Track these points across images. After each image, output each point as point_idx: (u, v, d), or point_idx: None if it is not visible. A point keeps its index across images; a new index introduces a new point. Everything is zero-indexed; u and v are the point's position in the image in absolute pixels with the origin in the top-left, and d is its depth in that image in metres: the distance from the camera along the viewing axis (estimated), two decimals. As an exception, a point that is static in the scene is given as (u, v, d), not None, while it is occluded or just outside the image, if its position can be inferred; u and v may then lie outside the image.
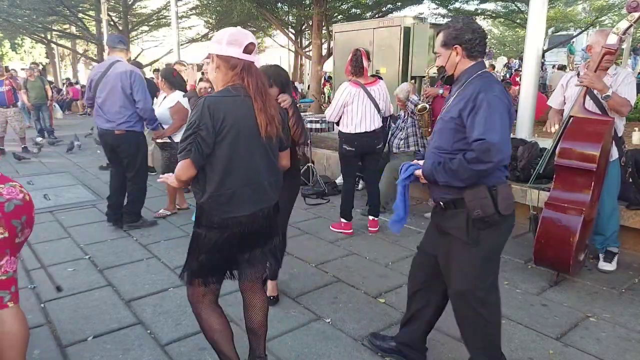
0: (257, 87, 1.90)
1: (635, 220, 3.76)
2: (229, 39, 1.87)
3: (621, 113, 3.25)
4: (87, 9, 19.80)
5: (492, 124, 1.87)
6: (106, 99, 4.24)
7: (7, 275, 1.98)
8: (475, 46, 2.02)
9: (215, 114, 1.81)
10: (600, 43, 3.22)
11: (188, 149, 1.81)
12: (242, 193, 1.91)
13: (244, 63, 1.88)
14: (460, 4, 15.94)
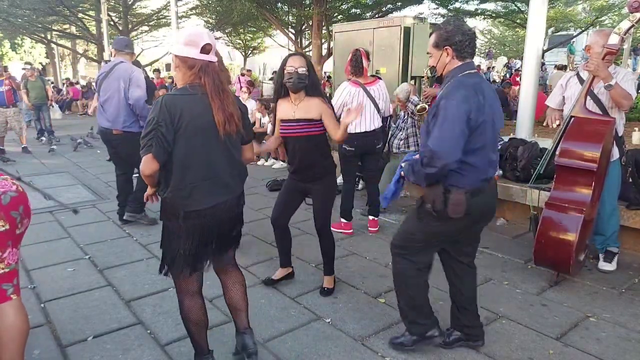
0: (215, 86, 1.97)
1: (635, 220, 3.76)
2: (186, 40, 1.95)
3: (621, 106, 3.24)
4: (87, 9, 19.81)
5: (441, 131, 2.02)
6: (107, 99, 4.38)
7: (10, 268, 2.01)
8: (465, 47, 2.13)
9: (172, 110, 1.90)
10: (599, 43, 3.22)
11: (149, 144, 1.91)
12: (202, 187, 2.01)
13: (201, 63, 1.96)
14: (460, 4, 15.93)
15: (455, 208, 2.13)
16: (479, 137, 2.09)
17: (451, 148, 2.02)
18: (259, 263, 3.69)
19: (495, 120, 2.18)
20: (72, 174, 6.96)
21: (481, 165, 2.16)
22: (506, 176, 4.75)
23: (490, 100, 2.14)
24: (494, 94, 2.22)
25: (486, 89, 2.15)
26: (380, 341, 2.65)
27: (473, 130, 2.06)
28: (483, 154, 2.15)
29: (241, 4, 12.85)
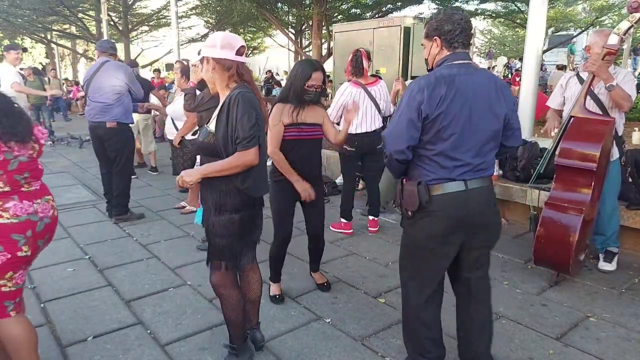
0: (252, 83, 2.18)
1: (635, 220, 3.76)
2: (222, 43, 2.08)
3: (622, 107, 3.24)
4: (87, 9, 19.79)
5: (393, 120, 2.02)
6: (99, 95, 4.59)
7: (17, 287, 2.04)
8: (455, 37, 2.00)
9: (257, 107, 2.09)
10: (598, 44, 3.22)
11: (255, 136, 2.05)
12: (262, 174, 2.23)
13: (237, 64, 2.11)
14: (460, 3, 15.93)
15: (407, 199, 2.00)
16: (440, 132, 1.92)
17: (396, 138, 1.96)
18: (259, 263, 3.67)
19: (474, 118, 1.95)
20: (72, 174, 6.96)
21: (444, 162, 1.96)
22: (506, 176, 4.75)
23: (466, 94, 1.93)
24: (485, 89, 1.99)
25: (463, 82, 1.94)
26: (380, 341, 2.65)
27: (430, 123, 1.91)
28: (447, 150, 1.94)
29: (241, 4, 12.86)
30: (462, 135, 1.94)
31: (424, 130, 1.95)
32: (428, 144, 1.96)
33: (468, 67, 2.00)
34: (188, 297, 3.16)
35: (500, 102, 2.02)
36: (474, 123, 1.95)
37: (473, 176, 1.99)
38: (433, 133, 1.94)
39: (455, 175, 1.97)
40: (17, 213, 1.95)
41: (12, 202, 1.94)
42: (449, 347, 2.58)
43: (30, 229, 1.99)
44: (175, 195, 5.72)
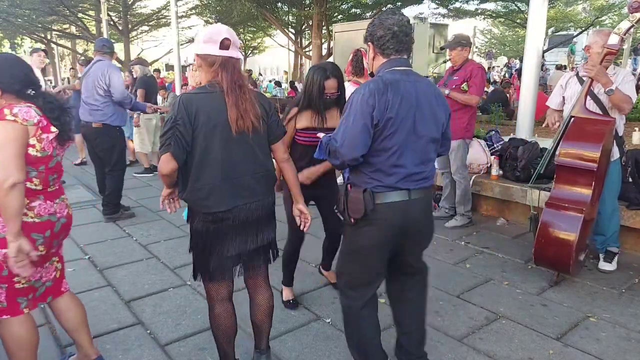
0: (232, 81, 1.91)
1: (636, 220, 3.76)
2: (205, 38, 1.92)
3: (622, 110, 3.25)
4: (87, 8, 19.80)
5: (345, 126, 1.91)
6: (88, 95, 4.61)
7: (29, 284, 2.04)
8: (385, 43, 1.96)
9: (189, 109, 1.87)
10: (598, 43, 3.22)
11: (168, 143, 1.86)
12: (221, 188, 1.93)
13: (221, 59, 1.92)
14: (460, 3, 15.94)
15: (353, 207, 1.97)
16: (387, 139, 1.90)
17: (351, 145, 1.89)
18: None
19: (418, 125, 1.92)
20: (72, 174, 6.96)
21: (389, 170, 1.94)
22: (506, 176, 4.75)
23: (411, 101, 1.91)
24: (428, 96, 1.97)
25: (408, 89, 1.91)
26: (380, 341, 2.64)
27: (380, 129, 1.89)
28: (394, 159, 1.92)
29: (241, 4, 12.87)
30: (406, 143, 1.92)
31: (373, 137, 1.90)
32: (374, 151, 1.93)
33: (410, 74, 1.97)
34: (188, 297, 3.16)
35: (440, 110, 2.00)
36: (418, 130, 1.93)
37: (415, 185, 1.99)
38: (380, 140, 1.90)
39: (399, 184, 1.96)
40: (41, 213, 1.98)
41: (38, 201, 1.97)
42: (449, 347, 2.58)
43: (50, 229, 2.01)
44: (175, 195, 5.71)
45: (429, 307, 3.00)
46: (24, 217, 1.89)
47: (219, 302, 2.10)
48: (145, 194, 5.88)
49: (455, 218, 4.59)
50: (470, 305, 3.05)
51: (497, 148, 5.11)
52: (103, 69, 4.54)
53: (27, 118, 1.86)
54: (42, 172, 1.95)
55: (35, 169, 1.93)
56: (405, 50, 2.00)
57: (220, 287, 2.08)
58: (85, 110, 4.64)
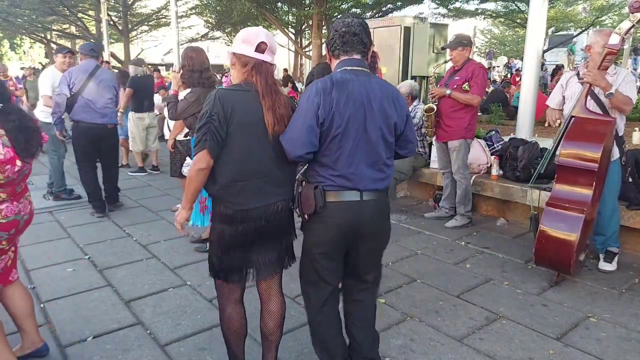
0: (267, 85, 1.93)
1: (636, 220, 3.76)
2: (243, 38, 1.95)
3: (623, 111, 3.25)
4: (87, 8, 19.82)
5: (291, 125, 1.94)
6: (99, 98, 4.79)
7: None
8: (333, 44, 2.02)
9: (225, 104, 1.87)
10: (599, 43, 3.21)
11: (204, 139, 1.86)
12: (253, 185, 1.94)
13: (255, 61, 1.93)
14: (460, 3, 15.94)
15: (304, 202, 1.98)
16: (336, 138, 1.91)
17: (294, 144, 1.90)
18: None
19: (368, 126, 1.92)
20: (72, 174, 6.94)
21: (340, 170, 1.94)
22: (506, 176, 4.74)
23: (360, 100, 1.91)
24: (378, 97, 1.95)
25: (357, 88, 1.92)
26: (380, 341, 2.64)
27: (327, 127, 1.89)
28: (344, 159, 1.93)
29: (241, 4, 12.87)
30: (356, 143, 1.92)
31: (322, 136, 1.91)
32: (326, 151, 1.94)
33: (361, 75, 1.97)
34: (188, 297, 3.16)
35: (392, 110, 1.98)
36: (368, 130, 1.93)
37: (368, 187, 1.97)
38: (329, 139, 1.91)
39: (350, 184, 1.95)
40: (7, 214, 2.11)
41: (5, 204, 2.11)
42: (449, 348, 2.58)
43: (14, 227, 2.16)
44: (175, 196, 5.72)
45: (429, 307, 3.02)
46: None
47: (231, 303, 2.09)
48: (145, 194, 5.88)
49: (456, 218, 4.59)
50: (470, 305, 3.05)
51: (497, 148, 5.11)
52: (112, 75, 5.10)
53: None
54: (8, 188, 2.09)
55: (2, 187, 2.06)
56: (354, 50, 2.00)
57: (234, 288, 2.08)
58: (95, 113, 4.79)
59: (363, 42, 2.01)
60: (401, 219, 4.86)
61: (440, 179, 5.00)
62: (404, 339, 2.68)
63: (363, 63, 2.02)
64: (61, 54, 5.38)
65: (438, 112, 4.45)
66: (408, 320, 2.88)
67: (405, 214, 5.02)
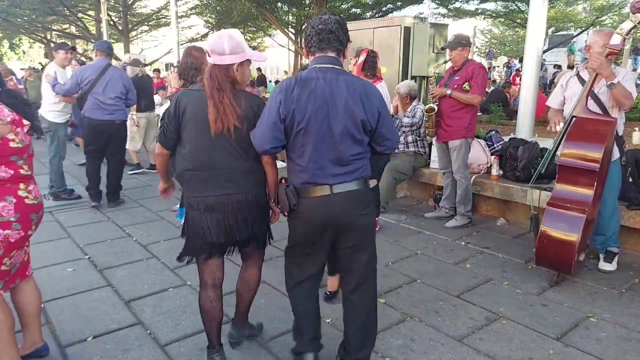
0: (211, 86, 2.09)
1: (636, 220, 3.76)
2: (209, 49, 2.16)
3: (623, 105, 3.23)
4: (87, 8, 19.82)
5: (258, 122, 2.08)
6: (108, 95, 5.01)
7: (10, 267, 2.17)
8: (310, 41, 2.06)
9: (180, 104, 2.16)
10: (598, 43, 3.21)
11: (159, 133, 2.25)
12: (200, 177, 2.16)
13: (208, 66, 2.15)
14: (460, 3, 15.94)
15: (280, 201, 2.11)
16: (299, 135, 1.98)
17: (260, 139, 2.03)
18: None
19: (332, 123, 1.96)
20: (72, 174, 6.95)
21: (307, 167, 2.00)
22: (506, 176, 4.75)
23: (323, 98, 1.95)
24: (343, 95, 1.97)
25: (321, 86, 1.96)
26: (380, 341, 2.65)
27: (289, 124, 1.97)
28: (309, 155, 1.99)
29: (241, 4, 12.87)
30: (321, 139, 1.97)
31: (287, 133, 2.00)
32: (294, 148, 2.03)
33: (328, 72, 2.00)
34: (188, 297, 3.16)
35: (359, 108, 1.98)
36: (333, 127, 1.97)
37: (337, 180, 2.02)
38: (293, 135, 1.99)
39: (319, 179, 2.01)
40: (37, 195, 2.21)
41: (32, 184, 2.20)
42: (449, 348, 2.58)
43: (41, 210, 2.24)
44: (174, 195, 5.68)
45: (429, 307, 3.02)
46: (26, 200, 2.11)
47: (203, 287, 2.34)
48: (145, 194, 5.88)
49: (456, 218, 4.59)
50: (470, 305, 3.05)
51: (497, 148, 5.11)
52: (122, 73, 5.25)
53: (1, 117, 2.01)
54: (26, 159, 2.17)
55: (21, 157, 2.13)
56: (329, 47, 2.04)
57: (205, 275, 2.33)
58: (104, 111, 5.01)
59: (339, 39, 2.04)
60: (401, 219, 4.86)
61: (440, 179, 5.00)
62: (404, 339, 2.68)
63: (336, 60, 2.05)
64: (63, 50, 5.42)
65: (438, 112, 4.45)
66: (408, 320, 2.88)
67: (405, 214, 5.02)
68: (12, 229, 2.07)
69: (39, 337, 2.44)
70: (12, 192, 2.08)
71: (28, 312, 2.36)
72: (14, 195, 2.09)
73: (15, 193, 2.09)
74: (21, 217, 2.09)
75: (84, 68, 5.20)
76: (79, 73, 5.04)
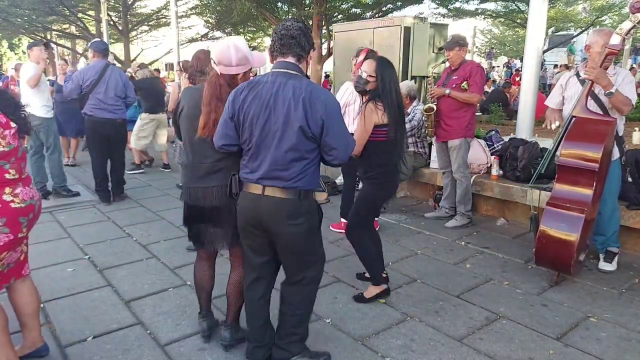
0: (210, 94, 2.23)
1: (636, 220, 3.76)
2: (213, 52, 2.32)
3: (622, 111, 3.25)
4: (87, 8, 19.80)
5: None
6: (109, 95, 5.15)
7: (4, 267, 2.16)
8: (273, 46, 2.13)
9: (181, 100, 2.42)
10: (598, 43, 3.21)
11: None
12: (187, 167, 2.40)
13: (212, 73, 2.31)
14: (460, 3, 15.92)
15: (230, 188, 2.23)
16: (243, 134, 2.10)
17: (217, 135, 2.17)
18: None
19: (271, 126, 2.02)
20: (72, 174, 6.95)
21: (248, 163, 2.13)
22: (506, 176, 4.74)
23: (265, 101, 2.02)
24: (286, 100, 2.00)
25: (267, 90, 2.03)
26: (381, 341, 2.65)
27: (235, 123, 2.10)
28: (251, 152, 2.10)
29: (241, 4, 12.86)
30: (260, 140, 2.06)
31: (237, 130, 2.12)
32: (243, 144, 2.13)
33: (280, 76, 2.06)
34: (188, 297, 3.16)
35: (299, 115, 1.98)
36: (271, 130, 2.03)
37: (270, 183, 2.07)
38: (240, 134, 2.11)
39: (255, 178, 2.10)
40: (25, 198, 2.15)
41: (19, 188, 2.15)
42: (449, 348, 2.58)
43: (32, 212, 2.20)
44: (175, 195, 5.72)
45: (429, 307, 3.02)
46: (12, 204, 2.07)
47: (197, 259, 2.62)
48: (145, 194, 5.88)
49: (456, 218, 4.59)
50: (470, 305, 3.05)
51: (497, 148, 5.11)
52: (123, 74, 5.42)
53: None
54: (14, 163, 2.12)
55: (7, 161, 2.09)
56: (289, 52, 2.09)
57: (200, 249, 2.58)
58: (105, 110, 5.16)
59: (300, 45, 2.09)
60: (401, 219, 4.86)
61: (440, 179, 5.00)
62: (404, 339, 2.68)
63: (293, 66, 2.10)
64: (37, 47, 5.31)
65: (438, 112, 4.45)
66: (408, 320, 2.88)
67: (405, 214, 5.02)
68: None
69: (38, 337, 2.43)
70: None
71: (26, 312, 2.36)
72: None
73: (0, 198, 2.05)
74: (8, 222, 2.06)
75: (84, 70, 5.27)
76: (79, 75, 5.15)
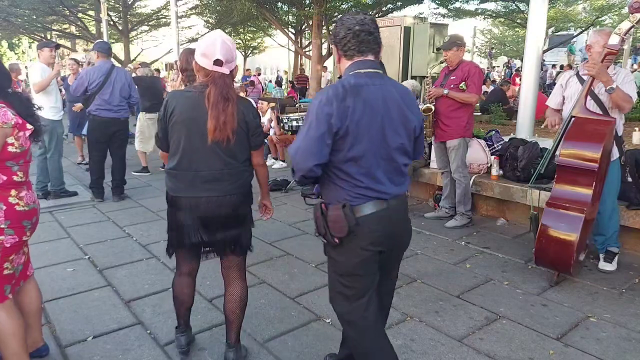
0: (218, 95, 2.08)
1: (636, 220, 3.76)
2: (202, 52, 2.11)
3: (623, 109, 3.24)
4: (87, 8, 19.81)
5: (300, 135, 1.82)
6: (114, 95, 5.29)
7: (14, 269, 2.16)
8: (347, 44, 1.85)
9: (169, 104, 2.19)
10: (599, 43, 3.22)
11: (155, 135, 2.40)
12: (183, 177, 2.20)
13: (214, 74, 2.10)
14: (460, 3, 15.93)
15: (334, 226, 1.83)
16: (354, 147, 1.78)
17: (305, 154, 1.78)
18: (259, 263, 3.69)
19: (387, 132, 1.81)
20: (72, 174, 6.95)
21: (362, 179, 1.82)
22: (506, 176, 4.74)
23: (376, 107, 1.80)
24: (397, 101, 1.85)
25: (373, 93, 1.80)
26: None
27: (342, 137, 1.77)
28: (363, 166, 1.81)
29: (241, 4, 12.87)
30: (376, 151, 1.81)
31: (336, 146, 1.78)
32: (342, 162, 1.81)
33: (375, 77, 1.85)
34: (188, 297, 3.16)
35: (411, 114, 1.89)
36: (388, 137, 1.83)
37: (393, 192, 1.90)
38: (347, 149, 1.78)
39: (375, 193, 1.85)
40: (28, 202, 2.16)
41: (24, 191, 2.15)
42: (449, 348, 2.58)
43: (35, 216, 2.21)
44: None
45: (429, 307, 3.02)
46: (17, 207, 2.08)
47: (177, 274, 2.44)
48: (145, 194, 5.88)
49: (455, 218, 4.59)
50: (470, 305, 3.05)
51: (497, 148, 5.11)
52: (127, 75, 5.55)
53: (5, 120, 1.99)
54: (22, 165, 2.14)
55: (17, 163, 2.10)
56: (369, 50, 1.87)
57: (182, 263, 2.41)
58: (110, 110, 5.29)
59: (378, 41, 1.88)
60: (401, 219, 4.86)
61: (440, 179, 5.00)
62: (404, 339, 2.68)
63: (377, 65, 1.89)
64: (48, 47, 5.29)
65: (436, 112, 4.46)
66: (408, 320, 2.88)
67: (405, 214, 5.02)
68: (5, 234, 2.04)
69: (39, 337, 2.44)
70: (2, 199, 2.04)
71: (29, 311, 2.36)
72: (4, 202, 2.04)
73: (6, 200, 2.04)
74: (12, 224, 2.05)
75: (90, 71, 5.32)
76: (85, 76, 5.23)
